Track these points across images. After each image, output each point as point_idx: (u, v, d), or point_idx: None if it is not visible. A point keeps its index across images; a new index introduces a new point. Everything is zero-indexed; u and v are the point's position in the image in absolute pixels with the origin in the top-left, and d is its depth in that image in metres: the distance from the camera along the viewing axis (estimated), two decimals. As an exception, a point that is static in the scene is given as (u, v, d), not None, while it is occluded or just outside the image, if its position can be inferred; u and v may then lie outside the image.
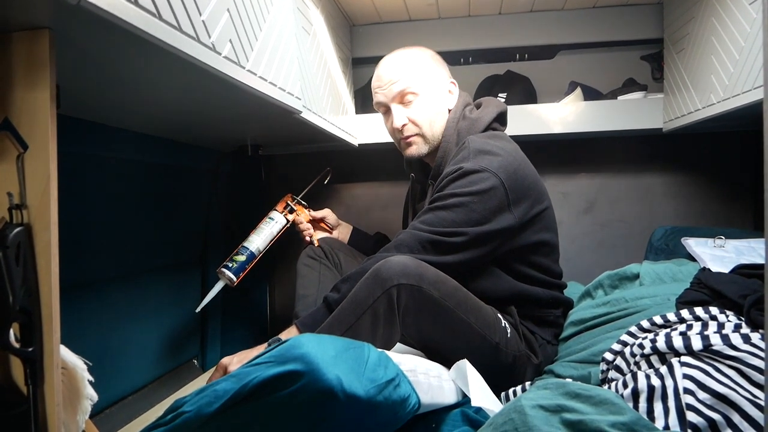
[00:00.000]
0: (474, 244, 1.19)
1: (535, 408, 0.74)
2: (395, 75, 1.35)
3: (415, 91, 1.34)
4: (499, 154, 1.23)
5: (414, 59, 1.37)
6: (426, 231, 1.19)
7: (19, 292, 0.63)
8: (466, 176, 1.20)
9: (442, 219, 1.19)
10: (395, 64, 1.37)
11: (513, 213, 1.20)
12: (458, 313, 1.11)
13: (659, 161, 1.98)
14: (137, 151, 1.40)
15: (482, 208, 1.18)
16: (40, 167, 0.66)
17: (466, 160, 1.23)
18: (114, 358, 1.35)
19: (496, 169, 1.19)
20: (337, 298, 1.15)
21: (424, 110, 1.35)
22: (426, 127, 1.35)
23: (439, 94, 1.37)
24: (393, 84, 1.34)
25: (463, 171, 1.21)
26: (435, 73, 1.38)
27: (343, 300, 1.11)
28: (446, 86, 1.39)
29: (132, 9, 0.66)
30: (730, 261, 1.36)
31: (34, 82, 0.66)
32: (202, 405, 0.78)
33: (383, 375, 0.82)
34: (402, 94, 1.34)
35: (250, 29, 1.01)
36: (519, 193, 1.22)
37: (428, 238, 1.18)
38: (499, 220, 1.19)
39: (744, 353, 0.82)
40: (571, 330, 1.32)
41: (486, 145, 1.25)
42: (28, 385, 0.65)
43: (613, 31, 1.91)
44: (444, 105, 1.38)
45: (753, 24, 1.25)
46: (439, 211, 1.20)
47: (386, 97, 1.36)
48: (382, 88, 1.36)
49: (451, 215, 1.18)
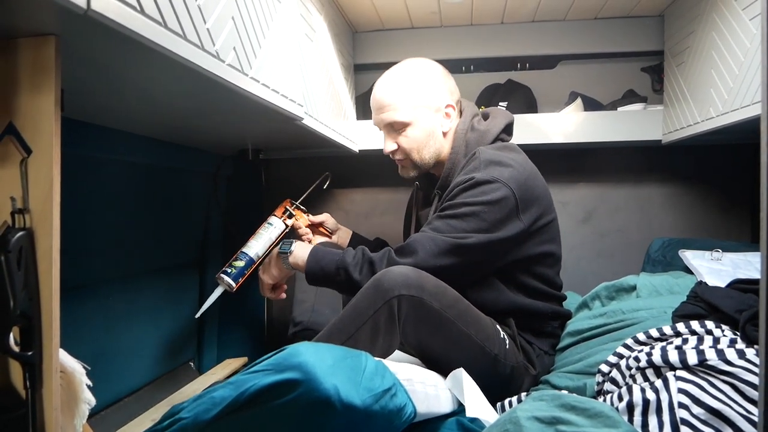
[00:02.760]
0: (481, 250, 1.20)
1: (530, 419, 0.75)
2: (385, 104, 1.35)
3: (405, 120, 1.33)
4: (511, 164, 1.24)
5: (406, 86, 1.35)
6: (437, 234, 1.20)
7: (20, 296, 0.64)
8: (478, 186, 1.21)
9: (453, 227, 1.20)
10: (387, 90, 1.36)
11: (522, 220, 1.22)
12: (458, 325, 1.12)
13: (658, 172, 1.99)
14: (137, 154, 1.40)
15: (492, 218, 1.19)
16: (44, 172, 0.67)
17: (477, 170, 1.24)
18: (111, 359, 1.35)
19: (507, 179, 1.21)
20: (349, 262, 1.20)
21: (414, 139, 1.35)
22: (414, 154, 1.36)
23: (430, 121, 1.35)
24: (382, 114, 1.36)
25: (474, 181, 1.22)
26: (428, 99, 1.35)
27: (349, 266, 1.19)
28: (442, 110, 1.36)
29: (138, 18, 0.66)
30: (727, 274, 1.37)
31: (39, 88, 0.67)
32: (200, 412, 0.78)
33: (380, 384, 0.82)
34: (391, 124, 1.35)
35: (254, 37, 1.02)
36: (528, 202, 1.23)
37: (440, 239, 1.19)
38: (508, 228, 1.20)
39: (739, 369, 0.82)
40: (567, 341, 1.32)
41: (497, 156, 1.26)
42: (27, 389, 0.65)
43: (614, 43, 1.92)
44: (438, 129, 1.36)
45: (753, 40, 1.26)
46: (449, 219, 1.21)
47: (376, 121, 1.39)
48: (374, 113, 1.39)
49: (461, 224, 1.19)
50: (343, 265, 1.20)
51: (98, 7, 0.59)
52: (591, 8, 1.83)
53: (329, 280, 1.24)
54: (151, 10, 0.69)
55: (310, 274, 1.25)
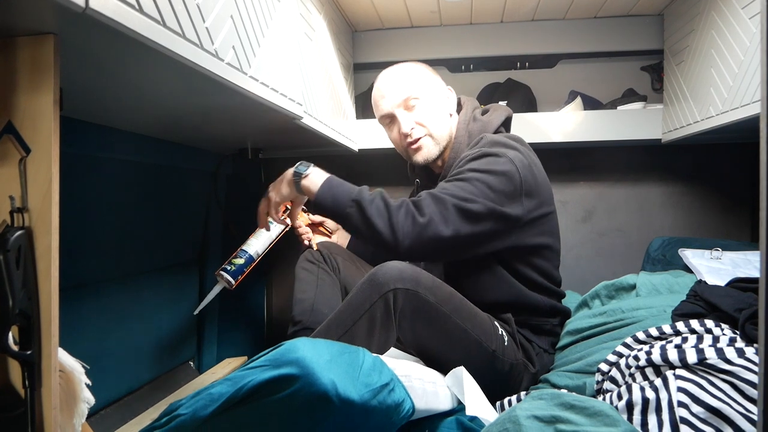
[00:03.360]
0: (488, 217, 1.17)
1: (530, 418, 0.75)
2: (397, 83, 1.37)
3: (418, 95, 1.36)
4: (516, 148, 1.27)
5: (411, 69, 1.41)
6: (447, 194, 1.17)
7: (18, 296, 0.64)
8: (486, 157, 1.22)
9: (462, 188, 1.18)
10: (395, 74, 1.40)
11: (523, 204, 1.22)
12: (454, 319, 1.12)
13: (658, 171, 1.99)
14: (137, 153, 1.40)
15: (499, 189, 1.18)
16: (42, 171, 0.67)
17: (483, 147, 1.26)
18: (110, 358, 1.35)
19: (513, 158, 1.22)
20: (366, 197, 1.14)
21: (429, 112, 1.37)
22: (433, 127, 1.37)
23: (439, 97, 1.40)
24: (396, 92, 1.36)
25: (483, 152, 1.23)
26: (433, 79, 1.41)
27: (364, 200, 1.13)
28: (444, 91, 1.42)
29: (136, 16, 0.66)
30: (727, 273, 1.37)
31: (38, 87, 0.67)
32: (198, 408, 0.78)
33: (378, 379, 0.83)
34: (406, 100, 1.36)
35: (253, 36, 1.02)
36: (530, 187, 1.23)
37: (450, 201, 1.16)
38: (512, 206, 1.20)
39: (738, 367, 0.82)
40: (567, 339, 1.32)
41: (503, 140, 1.29)
42: (26, 388, 0.65)
43: (614, 42, 1.92)
44: (445, 108, 1.40)
45: (752, 38, 1.26)
46: (458, 182, 1.20)
47: (391, 105, 1.37)
48: (385, 98, 1.38)
49: (470, 186, 1.18)
50: (359, 197, 1.15)
51: (96, 5, 0.59)
52: (590, 7, 1.83)
53: (337, 212, 1.18)
54: (150, 8, 0.69)
55: (319, 201, 1.19)
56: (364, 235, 1.17)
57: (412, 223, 1.13)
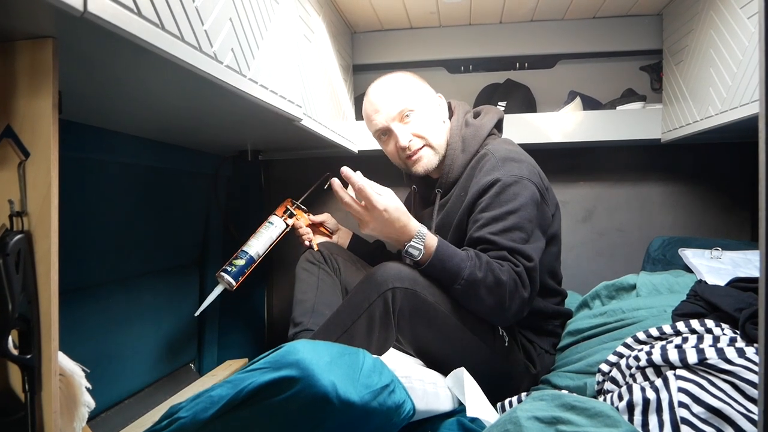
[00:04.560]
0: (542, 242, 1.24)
1: (530, 419, 0.75)
2: (390, 96, 1.36)
3: (412, 107, 1.35)
4: (523, 159, 1.28)
5: (402, 80, 1.40)
6: (523, 259, 1.16)
7: (18, 299, 0.64)
8: (508, 189, 1.21)
9: (520, 239, 1.17)
10: (386, 87, 1.38)
11: (548, 205, 1.29)
12: (453, 318, 1.12)
13: (657, 171, 1.99)
14: (137, 156, 1.40)
15: (536, 216, 1.22)
16: (41, 175, 0.67)
17: (496, 169, 1.25)
18: (111, 361, 1.35)
19: (528, 175, 1.24)
20: (478, 278, 1.11)
21: (425, 122, 1.36)
22: (431, 136, 1.36)
23: (432, 106, 1.39)
24: (390, 105, 1.35)
25: (502, 184, 1.21)
26: (424, 88, 1.41)
27: (480, 282, 1.10)
28: (435, 99, 1.42)
29: (135, 19, 0.66)
30: (727, 273, 1.37)
31: (37, 91, 0.67)
32: (198, 411, 0.78)
33: (378, 381, 0.83)
34: (401, 113, 1.35)
35: (252, 38, 1.02)
36: (545, 191, 1.29)
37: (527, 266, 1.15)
38: (545, 218, 1.27)
39: (739, 367, 0.82)
40: (568, 340, 1.32)
41: (509, 153, 1.29)
42: (26, 392, 0.65)
43: (613, 42, 1.92)
44: (439, 116, 1.40)
45: (751, 38, 1.26)
46: (512, 233, 1.18)
47: (386, 119, 1.36)
48: (379, 112, 1.36)
49: (522, 235, 1.18)
50: (471, 277, 1.11)
51: (95, 9, 0.59)
52: (589, 7, 1.83)
53: (444, 284, 1.14)
54: (148, 12, 0.69)
55: (427, 272, 1.14)
56: (470, 308, 1.15)
57: (520, 303, 1.13)
